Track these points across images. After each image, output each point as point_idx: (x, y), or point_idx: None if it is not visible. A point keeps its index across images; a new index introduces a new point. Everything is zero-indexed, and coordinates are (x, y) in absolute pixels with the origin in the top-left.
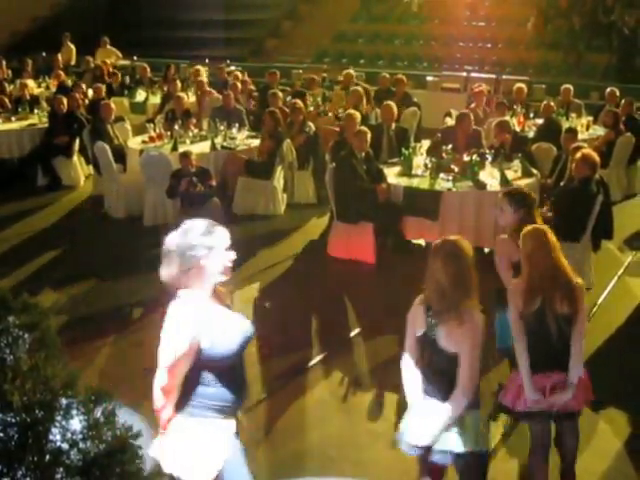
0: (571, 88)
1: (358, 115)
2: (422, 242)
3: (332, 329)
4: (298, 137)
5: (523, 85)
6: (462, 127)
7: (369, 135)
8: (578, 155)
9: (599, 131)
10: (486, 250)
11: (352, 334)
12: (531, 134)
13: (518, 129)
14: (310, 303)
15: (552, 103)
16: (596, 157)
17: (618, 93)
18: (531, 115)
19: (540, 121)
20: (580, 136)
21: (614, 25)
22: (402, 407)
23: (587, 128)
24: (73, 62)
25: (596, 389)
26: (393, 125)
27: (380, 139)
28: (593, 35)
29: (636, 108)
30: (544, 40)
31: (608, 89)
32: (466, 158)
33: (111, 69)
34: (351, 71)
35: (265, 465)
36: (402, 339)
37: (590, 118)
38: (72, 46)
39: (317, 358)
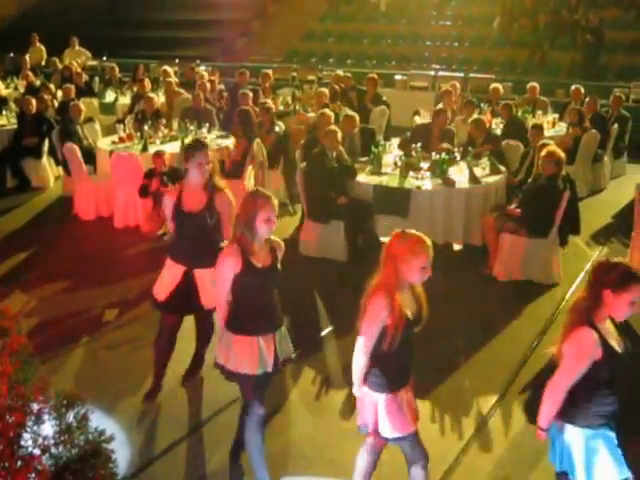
0: (537, 86)
1: (331, 114)
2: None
3: (304, 328)
4: (268, 137)
5: (499, 85)
6: (438, 122)
7: (339, 134)
8: (544, 152)
9: (565, 128)
10: (456, 247)
11: (324, 333)
12: (498, 131)
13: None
14: (282, 302)
15: (510, 102)
16: (561, 154)
17: (583, 90)
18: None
19: None
20: (546, 133)
21: (578, 24)
22: None
23: (553, 125)
24: (43, 63)
25: None
26: (356, 130)
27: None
28: (558, 34)
29: (600, 105)
30: (510, 39)
31: (573, 87)
32: (435, 156)
33: (79, 69)
34: (340, 72)
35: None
36: None
37: (556, 115)
38: (42, 47)
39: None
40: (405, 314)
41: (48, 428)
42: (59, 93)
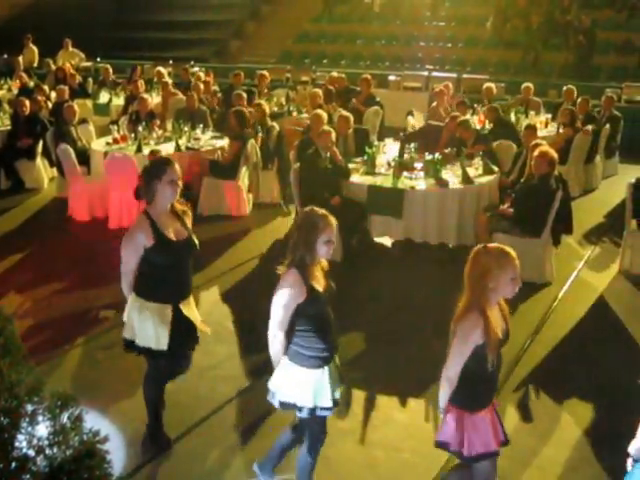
0: (531, 86)
1: (324, 115)
2: (387, 240)
3: None
4: (255, 139)
5: (492, 84)
6: (450, 127)
7: (333, 134)
8: (536, 152)
9: (557, 129)
10: (450, 246)
11: None
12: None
13: (479, 127)
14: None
15: (496, 105)
16: (554, 154)
17: (575, 91)
18: None
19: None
20: (539, 133)
21: (570, 24)
22: (368, 404)
23: (546, 125)
24: (35, 64)
25: (558, 381)
26: (350, 131)
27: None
28: (550, 34)
29: (592, 106)
30: (503, 39)
31: (565, 87)
32: (428, 157)
33: (72, 70)
34: (334, 73)
35: (235, 463)
36: (368, 336)
37: (548, 116)
38: (34, 48)
39: None
40: (497, 333)
41: (42, 429)
42: (53, 94)
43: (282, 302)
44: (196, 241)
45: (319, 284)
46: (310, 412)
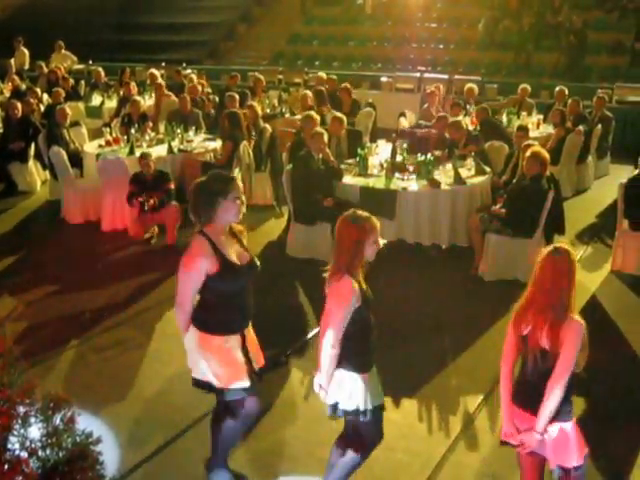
0: (528, 88)
1: (316, 117)
2: (380, 241)
3: (292, 329)
4: (248, 140)
5: (474, 85)
6: (437, 128)
7: (325, 136)
8: (528, 153)
9: (549, 129)
10: (443, 247)
11: (312, 334)
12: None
13: (471, 128)
14: (269, 303)
15: (485, 105)
16: (546, 154)
17: (567, 92)
18: None
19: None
20: (531, 134)
21: (562, 25)
22: None
23: (537, 126)
24: (27, 66)
25: None
26: (343, 132)
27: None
28: (542, 35)
29: (584, 106)
30: (495, 40)
31: (557, 88)
32: (420, 158)
33: (65, 74)
34: (323, 74)
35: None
36: None
37: (540, 117)
38: (25, 50)
39: (278, 358)
40: None
41: (35, 431)
42: (45, 97)
43: (343, 313)
44: (257, 262)
45: (366, 288)
46: (372, 414)
